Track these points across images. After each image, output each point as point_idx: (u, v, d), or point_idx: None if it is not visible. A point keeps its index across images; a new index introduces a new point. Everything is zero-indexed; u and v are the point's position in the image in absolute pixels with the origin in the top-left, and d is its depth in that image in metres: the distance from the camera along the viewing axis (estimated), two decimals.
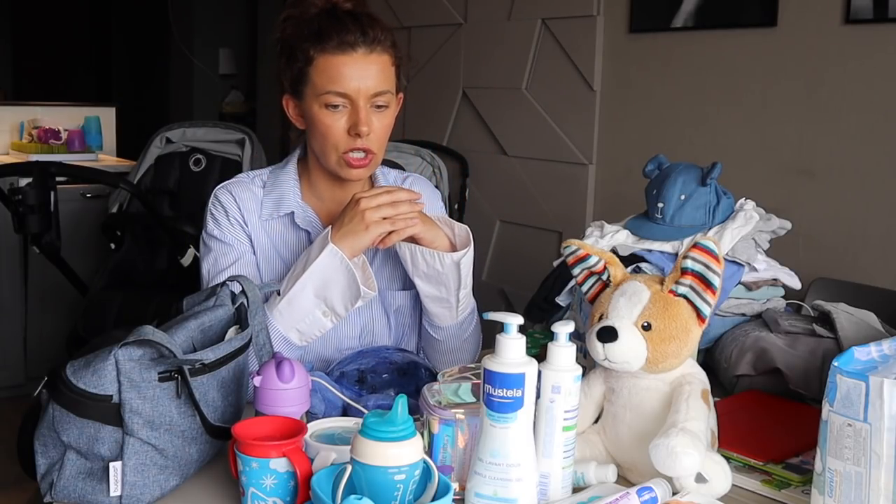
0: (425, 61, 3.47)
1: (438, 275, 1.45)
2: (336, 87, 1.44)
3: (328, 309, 1.41)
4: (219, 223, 1.55)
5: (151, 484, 1.07)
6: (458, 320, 1.53)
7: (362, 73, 1.45)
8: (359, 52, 1.45)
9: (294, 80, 1.50)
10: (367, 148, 1.47)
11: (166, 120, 4.76)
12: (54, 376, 1.06)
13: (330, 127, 1.46)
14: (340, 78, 1.44)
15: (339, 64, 1.44)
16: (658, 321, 1.13)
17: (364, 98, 1.45)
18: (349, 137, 1.46)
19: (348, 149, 1.46)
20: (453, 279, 1.46)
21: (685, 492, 1.07)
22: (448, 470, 1.07)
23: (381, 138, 1.50)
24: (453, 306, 1.51)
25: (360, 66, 1.45)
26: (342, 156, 1.47)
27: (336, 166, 1.49)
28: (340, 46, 1.44)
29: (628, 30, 2.77)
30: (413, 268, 1.46)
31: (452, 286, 1.47)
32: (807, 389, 1.42)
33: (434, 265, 1.44)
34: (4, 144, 4.29)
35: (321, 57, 1.45)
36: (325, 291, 1.39)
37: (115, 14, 6.89)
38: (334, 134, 1.46)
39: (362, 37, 1.44)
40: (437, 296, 1.49)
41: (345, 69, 1.44)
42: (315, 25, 1.46)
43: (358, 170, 1.48)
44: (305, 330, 1.42)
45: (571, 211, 2.96)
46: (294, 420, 1.09)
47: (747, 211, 1.62)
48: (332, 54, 1.44)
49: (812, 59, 2.33)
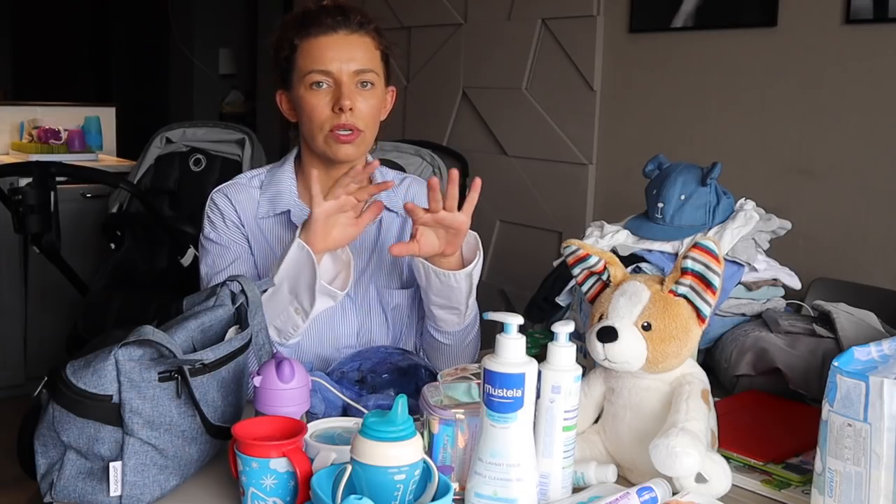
0: (425, 61, 3.47)
1: (451, 289, 1.46)
2: (319, 65, 1.48)
3: (299, 305, 1.41)
4: (215, 226, 1.56)
5: (151, 484, 1.07)
6: (464, 325, 1.54)
7: (344, 52, 1.48)
8: (340, 33, 1.50)
9: (283, 72, 1.54)
10: (352, 125, 1.48)
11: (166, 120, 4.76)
12: (54, 376, 1.06)
13: (315, 106, 1.48)
14: (323, 58, 1.48)
15: (322, 45, 1.49)
16: (658, 321, 1.13)
17: (347, 75, 1.48)
18: (333, 114, 1.48)
19: (334, 126, 1.48)
20: (465, 289, 1.47)
21: (685, 492, 1.07)
22: (448, 470, 1.07)
23: (368, 117, 1.50)
24: (462, 312, 1.52)
25: (343, 46, 1.49)
26: (329, 133, 1.48)
27: (324, 146, 1.50)
28: (322, 29, 1.49)
29: (628, 30, 2.77)
30: (427, 283, 1.46)
31: (463, 296, 1.48)
32: (807, 389, 1.42)
33: (448, 282, 1.45)
34: (4, 144, 4.29)
35: (304, 42, 1.50)
36: (296, 287, 1.40)
37: (115, 14, 6.89)
38: (319, 113, 1.48)
39: (343, 19, 1.50)
40: (447, 304, 1.50)
41: (327, 50, 1.48)
42: (300, 19, 1.52)
43: (345, 145, 1.49)
44: (282, 327, 1.43)
45: (571, 211, 2.96)
46: (294, 420, 1.09)
47: (747, 211, 1.62)
48: (314, 37, 1.49)
49: (812, 59, 2.33)
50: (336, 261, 1.44)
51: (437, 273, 1.43)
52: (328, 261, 1.43)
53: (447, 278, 1.44)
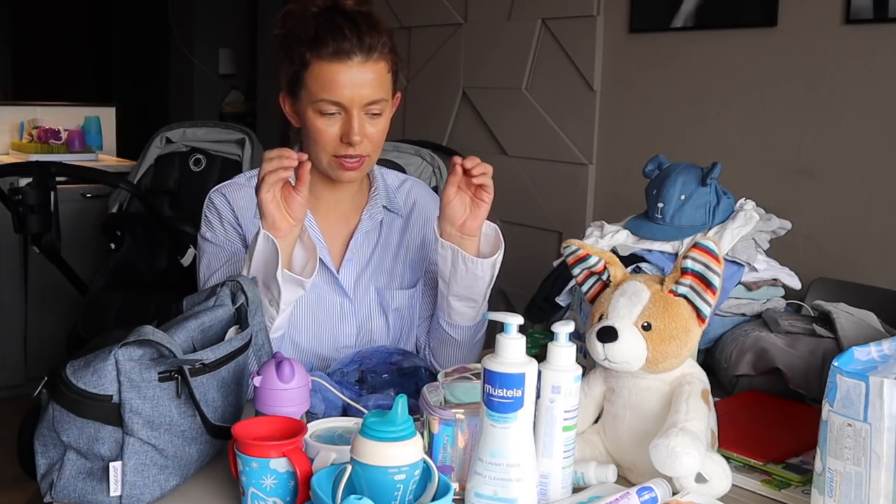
0: (425, 61, 3.47)
1: (475, 278, 1.47)
2: (330, 95, 1.43)
3: (272, 296, 1.38)
4: (211, 225, 1.56)
5: (151, 484, 1.07)
6: (476, 320, 1.55)
7: (357, 81, 1.43)
8: (354, 60, 1.43)
9: (290, 81, 1.49)
10: (358, 155, 1.47)
11: (166, 120, 4.76)
12: (54, 376, 1.06)
13: (322, 132, 1.46)
14: (334, 86, 1.43)
15: (334, 72, 1.43)
16: (658, 321, 1.13)
17: (358, 107, 1.44)
18: (341, 144, 1.46)
19: (340, 154, 1.46)
20: (487, 280, 1.48)
21: (685, 492, 1.07)
22: (448, 470, 1.07)
23: (376, 142, 1.49)
24: (478, 305, 1.52)
25: (355, 75, 1.43)
26: (333, 158, 1.47)
27: (328, 168, 1.49)
28: (336, 54, 1.42)
29: (628, 30, 2.77)
30: (452, 271, 1.47)
31: (485, 286, 1.49)
32: (807, 389, 1.42)
33: (474, 270, 1.45)
34: (4, 144, 4.29)
35: (317, 63, 1.44)
36: (267, 279, 1.37)
37: (115, 14, 6.89)
38: (326, 140, 1.46)
39: (359, 44, 1.43)
40: (467, 295, 1.50)
41: (339, 77, 1.43)
42: (312, 29, 1.44)
43: (350, 172, 1.48)
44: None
45: (571, 211, 2.96)
46: (294, 420, 1.09)
47: (747, 211, 1.62)
48: (327, 61, 1.43)
49: (812, 59, 2.32)
50: (305, 249, 1.42)
51: (465, 260, 1.44)
52: (298, 249, 1.41)
53: (474, 265, 1.45)
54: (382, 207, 1.60)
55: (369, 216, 1.59)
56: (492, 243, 1.49)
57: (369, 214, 1.59)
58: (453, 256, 1.45)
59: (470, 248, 1.46)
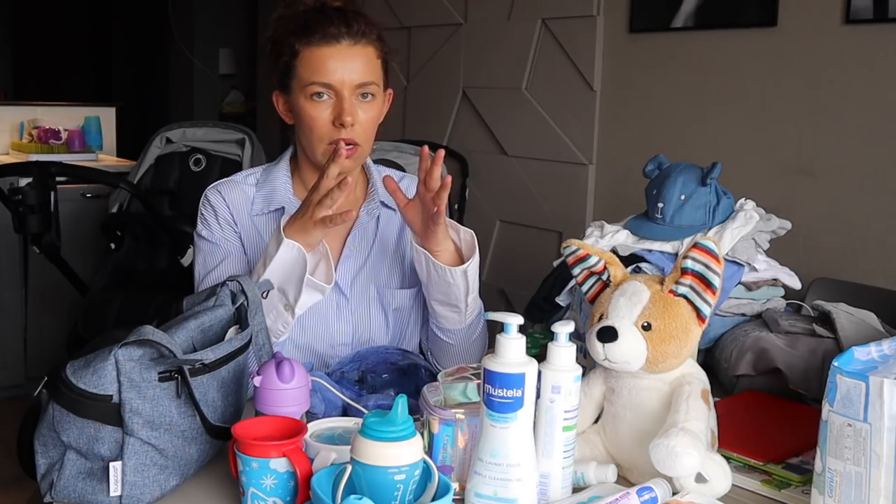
0: (425, 61, 3.47)
1: (449, 286, 1.46)
2: (320, 77, 1.46)
3: (288, 301, 1.41)
4: (207, 223, 1.57)
5: (151, 484, 1.07)
6: (466, 323, 1.54)
7: (346, 63, 1.46)
8: (343, 43, 1.47)
9: (281, 75, 1.52)
10: (351, 140, 1.47)
11: (166, 120, 4.76)
12: (54, 376, 1.06)
13: (315, 118, 1.48)
14: (324, 69, 1.46)
15: (324, 55, 1.46)
16: (658, 321, 1.13)
17: (348, 89, 1.47)
18: (334, 128, 1.47)
19: (333, 139, 1.47)
20: (462, 287, 1.47)
21: (685, 492, 1.07)
22: (448, 470, 1.07)
23: (367, 130, 1.50)
24: (462, 311, 1.51)
25: (344, 57, 1.47)
26: (328, 147, 1.48)
27: (322, 158, 1.49)
28: (324, 38, 1.46)
29: (628, 30, 2.77)
30: (427, 277, 1.47)
31: (461, 293, 1.48)
32: (807, 389, 1.42)
33: (445, 277, 1.45)
34: (4, 144, 4.29)
35: (306, 49, 1.47)
36: (285, 284, 1.40)
37: (115, 14, 6.89)
38: (319, 125, 1.48)
39: (346, 28, 1.47)
40: (446, 301, 1.50)
41: (329, 60, 1.46)
42: (301, 20, 1.49)
43: (345, 160, 1.48)
44: (271, 325, 1.42)
45: (571, 211, 2.96)
46: (294, 420, 1.09)
47: (747, 211, 1.62)
48: (316, 46, 1.47)
49: (812, 59, 2.33)
50: (315, 253, 1.43)
51: (435, 267, 1.44)
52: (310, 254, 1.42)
53: (444, 273, 1.44)
54: (380, 203, 1.60)
55: (367, 212, 1.59)
56: (470, 249, 1.47)
57: (367, 210, 1.59)
58: (426, 262, 1.45)
59: (445, 258, 1.44)
